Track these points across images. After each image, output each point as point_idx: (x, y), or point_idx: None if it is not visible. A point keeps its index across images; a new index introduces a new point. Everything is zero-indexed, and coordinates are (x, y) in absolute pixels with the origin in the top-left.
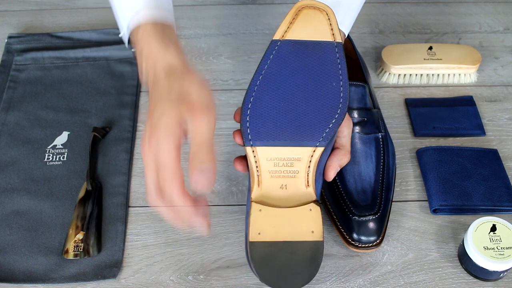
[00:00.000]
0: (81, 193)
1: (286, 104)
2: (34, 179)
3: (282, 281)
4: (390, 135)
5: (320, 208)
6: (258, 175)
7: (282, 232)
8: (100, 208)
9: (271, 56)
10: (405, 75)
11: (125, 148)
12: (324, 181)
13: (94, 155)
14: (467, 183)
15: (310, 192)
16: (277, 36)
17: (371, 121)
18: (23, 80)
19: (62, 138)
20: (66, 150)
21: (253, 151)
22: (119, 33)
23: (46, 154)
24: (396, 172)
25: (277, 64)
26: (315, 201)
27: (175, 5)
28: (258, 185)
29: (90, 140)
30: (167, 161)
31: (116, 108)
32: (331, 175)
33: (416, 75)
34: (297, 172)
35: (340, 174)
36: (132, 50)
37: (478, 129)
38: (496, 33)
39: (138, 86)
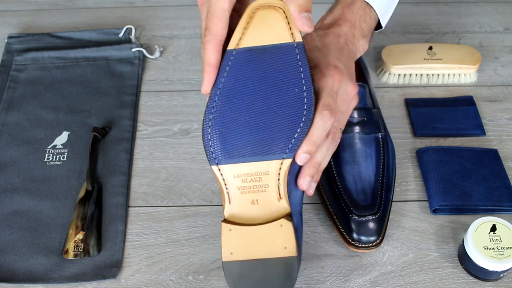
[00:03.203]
0: (81, 193)
1: (247, 118)
2: (34, 179)
3: None
4: (390, 135)
5: (292, 222)
6: (227, 192)
7: (254, 250)
8: (100, 208)
9: (227, 68)
10: (405, 75)
11: (125, 148)
12: (324, 180)
13: (94, 155)
14: (467, 183)
15: (283, 205)
16: (232, 45)
17: (371, 121)
18: (23, 80)
19: (62, 138)
20: (66, 150)
21: (219, 169)
22: (119, 33)
23: (46, 154)
24: (396, 172)
25: (235, 76)
26: (287, 216)
27: (175, 5)
28: (229, 202)
29: (90, 140)
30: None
31: (116, 108)
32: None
33: (416, 75)
34: (266, 186)
35: (340, 174)
36: (132, 50)
37: (478, 129)
38: (496, 33)
39: (138, 86)
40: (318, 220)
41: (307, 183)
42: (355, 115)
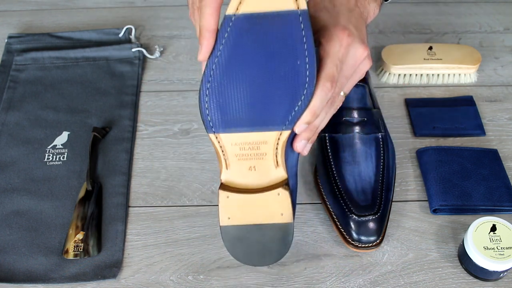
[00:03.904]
0: (81, 193)
1: (246, 88)
2: (34, 179)
3: (254, 258)
4: (390, 135)
5: (289, 191)
6: (225, 159)
7: (251, 215)
8: (100, 208)
9: (226, 35)
10: (405, 75)
11: (125, 148)
12: (324, 180)
13: (94, 155)
14: (467, 183)
15: (280, 172)
16: (231, 10)
17: (371, 121)
18: (23, 80)
19: (62, 138)
20: (66, 150)
21: (216, 138)
22: (119, 33)
23: (46, 154)
24: (396, 172)
25: (233, 44)
26: (284, 184)
27: (175, 5)
28: (226, 168)
29: (90, 140)
30: None
31: (116, 108)
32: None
33: (416, 75)
34: (264, 154)
35: (340, 174)
36: (132, 50)
37: (478, 129)
38: (496, 33)
39: (138, 86)
40: (318, 220)
41: (303, 145)
42: (355, 115)
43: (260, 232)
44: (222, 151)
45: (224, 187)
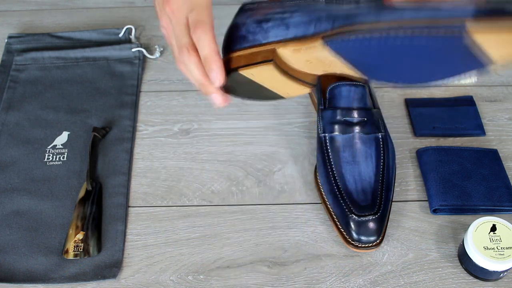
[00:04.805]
0: (81, 193)
1: (399, 59)
2: (34, 179)
3: (236, 93)
4: (390, 135)
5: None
6: (301, 48)
7: (269, 83)
8: (100, 208)
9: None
10: None
11: (125, 148)
12: (324, 180)
13: (94, 155)
14: (467, 183)
15: (316, 76)
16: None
17: (371, 121)
18: (23, 80)
19: (62, 138)
20: (66, 150)
21: (327, 39)
22: (119, 33)
23: (46, 154)
24: (396, 172)
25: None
26: (314, 85)
27: None
28: (295, 51)
29: (90, 140)
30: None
31: (116, 108)
32: None
33: None
34: (330, 65)
35: (340, 174)
36: (132, 50)
37: (478, 129)
38: None
39: (138, 86)
40: (318, 220)
41: None
42: (355, 115)
43: (261, 90)
44: (310, 44)
45: (277, 59)
